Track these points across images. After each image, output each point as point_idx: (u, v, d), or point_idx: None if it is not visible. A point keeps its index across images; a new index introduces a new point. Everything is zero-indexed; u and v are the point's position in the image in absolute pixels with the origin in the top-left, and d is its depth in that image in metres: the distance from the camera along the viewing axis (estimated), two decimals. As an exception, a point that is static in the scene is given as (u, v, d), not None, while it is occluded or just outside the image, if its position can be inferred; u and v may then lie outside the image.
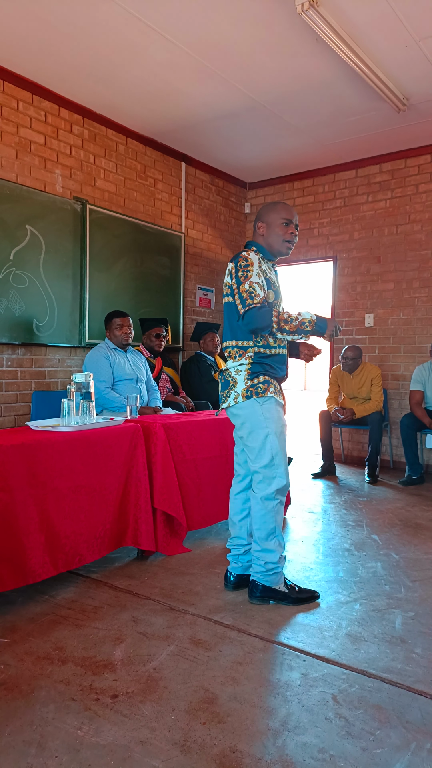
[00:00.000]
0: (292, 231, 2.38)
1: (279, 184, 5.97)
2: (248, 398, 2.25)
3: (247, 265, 2.25)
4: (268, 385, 2.27)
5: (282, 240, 2.37)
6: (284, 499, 2.33)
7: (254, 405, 2.26)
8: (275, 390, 2.29)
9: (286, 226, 2.36)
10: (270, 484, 2.27)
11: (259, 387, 2.26)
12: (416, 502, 4.06)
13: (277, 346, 2.34)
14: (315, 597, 2.34)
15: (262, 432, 2.25)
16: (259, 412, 2.26)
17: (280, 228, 2.36)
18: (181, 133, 4.82)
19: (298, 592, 2.33)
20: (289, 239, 2.38)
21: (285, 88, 3.97)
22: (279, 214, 2.36)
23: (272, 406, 2.27)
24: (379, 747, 1.48)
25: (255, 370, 2.28)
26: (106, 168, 4.56)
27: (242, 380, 2.28)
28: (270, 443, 2.25)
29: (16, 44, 3.48)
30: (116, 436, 2.65)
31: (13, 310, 3.84)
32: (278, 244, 2.38)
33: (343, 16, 3.10)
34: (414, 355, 5.20)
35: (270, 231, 2.38)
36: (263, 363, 2.29)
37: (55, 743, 1.48)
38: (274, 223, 2.37)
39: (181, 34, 3.33)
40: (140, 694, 1.70)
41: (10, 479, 2.19)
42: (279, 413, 2.30)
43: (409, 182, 5.18)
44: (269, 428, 2.25)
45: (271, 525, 2.27)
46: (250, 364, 2.28)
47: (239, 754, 1.45)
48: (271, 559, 2.28)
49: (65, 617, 2.19)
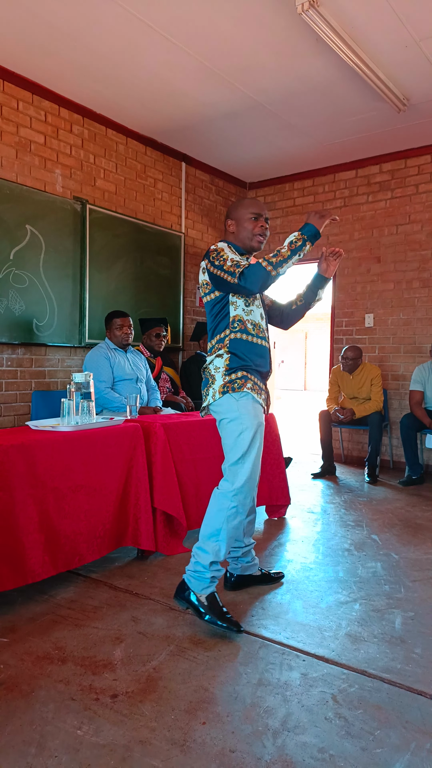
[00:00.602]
0: (262, 224, 2.27)
1: (279, 184, 5.97)
2: (224, 394, 2.17)
3: (217, 251, 2.17)
4: (245, 380, 2.17)
5: (252, 234, 2.28)
6: (242, 510, 2.13)
7: (230, 400, 2.16)
8: (253, 386, 2.19)
9: (255, 220, 2.27)
10: (233, 483, 2.13)
11: (236, 383, 2.17)
12: (416, 502, 4.06)
13: (256, 335, 2.23)
14: (232, 629, 2.05)
15: (236, 428, 2.15)
16: (235, 407, 2.16)
17: (249, 222, 2.27)
18: (181, 133, 4.82)
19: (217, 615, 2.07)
20: (259, 232, 2.28)
21: (285, 88, 3.97)
22: (247, 209, 2.28)
23: (249, 402, 2.17)
24: (378, 747, 1.48)
25: (233, 365, 2.18)
26: (106, 168, 4.56)
27: (220, 376, 2.19)
28: (243, 440, 2.14)
29: (16, 44, 3.47)
30: (116, 436, 2.65)
31: (13, 309, 3.84)
32: (248, 239, 2.29)
33: (343, 16, 3.10)
34: (414, 355, 5.20)
35: (239, 227, 2.29)
36: (241, 355, 2.18)
37: (54, 743, 1.48)
38: (242, 218, 2.28)
39: (182, 34, 3.33)
40: (140, 693, 1.70)
41: (10, 479, 2.19)
42: (256, 411, 2.19)
43: (409, 182, 5.19)
44: (244, 424, 2.14)
45: (217, 525, 2.12)
46: (228, 360, 2.18)
47: (239, 753, 1.45)
48: (201, 560, 2.11)
49: (65, 617, 2.19)
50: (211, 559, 2.10)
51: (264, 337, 2.27)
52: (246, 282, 2.08)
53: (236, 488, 2.12)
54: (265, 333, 2.29)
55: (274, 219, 6.05)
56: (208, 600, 2.10)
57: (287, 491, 3.57)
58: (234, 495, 2.12)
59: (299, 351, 22.11)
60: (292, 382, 21.79)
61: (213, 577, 2.11)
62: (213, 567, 2.11)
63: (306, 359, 22.08)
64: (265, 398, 2.28)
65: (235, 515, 2.12)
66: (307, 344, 22.07)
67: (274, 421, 3.59)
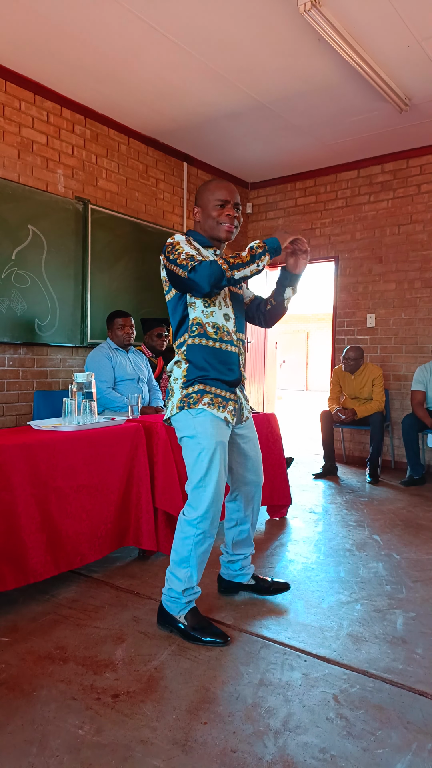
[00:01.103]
0: (229, 212, 2.03)
1: (281, 184, 5.97)
2: (181, 409, 1.99)
3: (173, 244, 1.97)
4: (201, 395, 1.97)
5: (216, 222, 2.03)
6: (209, 534, 1.99)
7: (187, 417, 1.98)
8: (212, 401, 1.97)
9: (221, 207, 2.03)
10: (196, 508, 1.97)
11: (191, 397, 1.97)
12: (418, 502, 4.05)
13: (219, 339, 2.00)
14: (217, 642, 1.97)
15: (194, 447, 1.97)
16: (191, 425, 1.97)
17: (214, 210, 2.03)
18: (183, 133, 4.82)
19: (200, 629, 2.00)
20: (225, 221, 2.03)
21: (287, 88, 3.97)
22: (213, 195, 2.03)
23: (206, 420, 1.96)
24: (380, 747, 1.48)
25: (190, 377, 1.99)
26: (108, 168, 4.57)
27: (178, 389, 2.01)
28: (201, 462, 1.96)
29: (18, 44, 3.48)
30: (118, 436, 2.66)
31: (15, 309, 3.85)
32: (214, 229, 2.05)
33: (345, 16, 3.10)
34: (416, 356, 5.19)
35: (204, 215, 2.06)
36: (200, 364, 1.99)
37: (56, 742, 1.48)
38: (207, 205, 2.04)
39: (184, 34, 3.33)
40: (141, 693, 1.70)
41: (12, 478, 2.19)
42: (216, 429, 1.97)
43: (411, 182, 5.18)
44: (201, 444, 1.95)
45: (184, 553, 1.99)
46: (186, 370, 2.01)
47: (240, 753, 1.45)
48: (174, 587, 2.02)
49: (66, 617, 2.19)
50: (184, 587, 2.00)
51: (230, 341, 2.04)
52: (196, 276, 1.86)
53: (199, 515, 1.96)
54: (233, 336, 2.05)
55: (275, 219, 6.05)
56: (188, 618, 2.02)
57: (288, 491, 3.57)
58: (198, 522, 1.97)
59: (301, 351, 22.11)
60: (293, 382, 21.78)
61: (189, 601, 2.03)
62: (187, 593, 2.02)
63: (307, 359, 22.08)
64: (234, 409, 2.05)
65: (203, 541, 1.99)
66: (308, 344, 22.06)
67: (275, 421, 3.59)
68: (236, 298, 2.14)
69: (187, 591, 2.02)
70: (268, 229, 6.09)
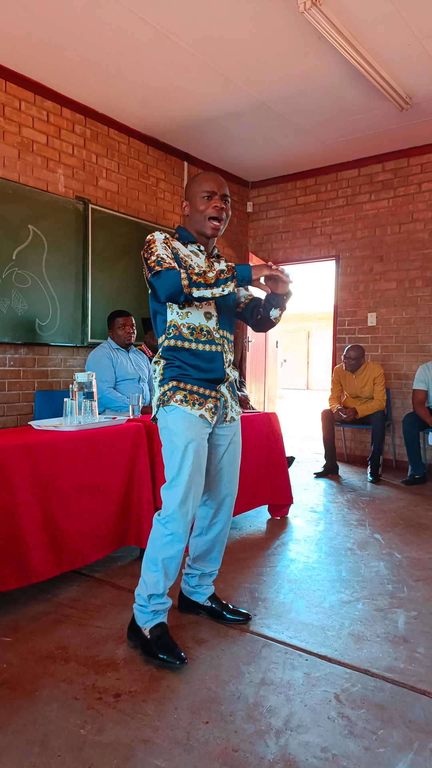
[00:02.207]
0: (216, 204, 1.94)
1: (281, 183, 5.97)
2: (158, 407, 1.95)
3: (149, 242, 1.92)
4: (174, 392, 1.92)
5: (204, 216, 1.95)
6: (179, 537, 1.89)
7: (163, 414, 1.94)
8: (185, 398, 1.91)
9: (208, 199, 1.95)
10: (165, 508, 1.90)
11: (166, 395, 1.93)
12: (419, 501, 4.05)
13: (195, 340, 1.93)
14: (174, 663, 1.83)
15: (167, 446, 1.93)
16: (164, 422, 1.93)
17: (201, 203, 1.95)
18: (183, 133, 4.82)
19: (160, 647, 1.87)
20: (212, 214, 1.94)
21: (287, 87, 3.97)
22: (199, 187, 1.96)
23: (178, 418, 1.89)
24: (381, 746, 1.48)
25: (166, 375, 1.95)
26: (108, 167, 4.57)
27: (157, 387, 1.98)
28: (173, 461, 1.90)
29: (18, 44, 3.48)
30: (119, 436, 2.66)
31: (15, 309, 3.85)
32: (201, 223, 1.97)
33: (345, 14, 3.10)
34: (417, 354, 5.19)
35: (192, 209, 1.98)
36: (174, 364, 1.94)
37: (58, 742, 1.48)
38: (194, 197, 1.97)
39: (184, 34, 3.33)
40: (143, 693, 1.70)
41: (13, 478, 2.19)
42: (189, 426, 1.89)
43: (411, 181, 5.17)
44: (174, 443, 1.89)
45: (152, 555, 1.91)
46: (162, 369, 1.96)
47: (242, 753, 1.45)
48: (140, 591, 1.93)
49: (68, 616, 2.19)
50: (149, 592, 1.89)
51: (210, 340, 1.94)
52: (156, 283, 1.82)
53: (168, 515, 1.89)
54: (214, 334, 1.96)
55: (276, 218, 6.05)
56: (152, 633, 1.90)
57: (290, 490, 3.57)
58: (166, 522, 1.89)
59: (302, 350, 22.11)
60: (294, 381, 21.78)
61: (155, 611, 1.91)
62: (153, 600, 1.91)
63: (308, 358, 22.08)
64: (215, 407, 1.95)
65: (171, 544, 1.89)
66: (309, 343, 22.06)
67: (276, 420, 3.59)
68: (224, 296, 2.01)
69: (153, 597, 1.90)
70: (268, 228, 6.09)
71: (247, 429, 3.35)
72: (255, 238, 6.21)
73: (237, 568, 2.71)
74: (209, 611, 2.18)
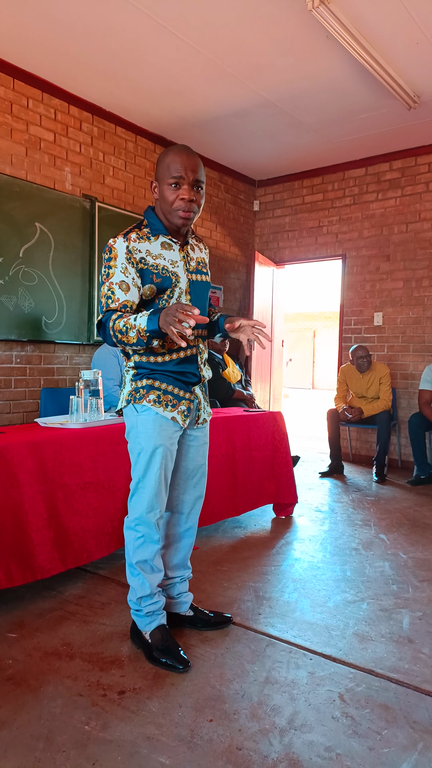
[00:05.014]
0: (184, 196, 1.74)
1: (288, 182, 5.96)
2: (128, 402, 1.85)
3: (109, 259, 1.76)
4: (148, 391, 1.81)
5: (170, 207, 1.76)
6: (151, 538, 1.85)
7: (132, 412, 1.84)
8: (159, 398, 1.81)
9: (176, 187, 1.75)
10: (133, 510, 1.86)
11: (138, 392, 1.82)
12: (424, 501, 4.04)
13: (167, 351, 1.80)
14: (176, 667, 1.80)
15: (134, 446, 1.85)
16: (135, 422, 1.84)
17: (167, 191, 1.76)
18: (190, 131, 4.81)
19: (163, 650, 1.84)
20: (180, 207, 1.75)
21: (295, 86, 3.96)
22: (167, 169, 1.75)
23: (149, 419, 1.81)
24: (385, 746, 1.48)
25: (140, 370, 1.84)
26: (115, 165, 4.57)
27: (128, 380, 1.87)
28: (139, 463, 1.83)
29: (26, 42, 3.48)
30: (124, 434, 2.66)
31: (22, 307, 3.86)
32: (168, 213, 1.79)
33: (353, 12, 3.08)
34: (423, 354, 5.17)
35: (160, 194, 1.79)
36: (149, 361, 1.83)
37: (62, 738, 1.49)
38: (162, 180, 1.77)
39: (192, 32, 3.32)
40: (147, 690, 1.70)
41: (19, 475, 2.20)
42: (159, 428, 1.81)
43: (419, 180, 5.15)
44: (141, 444, 1.82)
45: (129, 559, 1.89)
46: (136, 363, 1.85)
47: (246, 751, 1.45)
48: (131, 596, 1.91)
49: (73, 613, 2.20)
50: (138, 595, 1.88)
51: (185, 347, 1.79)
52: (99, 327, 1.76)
53: (136, 518, 1.85)
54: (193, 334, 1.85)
55: (282, 217, 6.03)
56: (153, 636, 1.88)
57: (294, 490, 3.56)
58: (136, 525, 1.85)
59: (307, 349, 22.08)
60: (300, 381, 21.75)
61: (149, 612, 1.89)
62: (144, 602, 1.88)
63: (314, 357, 22.05)
64: (187, 409, 1.87)
65: (144, 547, 1.85)
66: (315, 342, 22.03)
67: (281, 419, 3.59)
68: (199, 287, 1.90)
69: (144, 599, 1.88)
70: (275, 227, 6.08)
71: (252, 428, 3.35)
72: (261, 236, 6.20)
73: (241, 566, 2.71)
74: (191, 620, 2.08)
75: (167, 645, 1.86)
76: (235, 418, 3.26)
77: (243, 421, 3.30)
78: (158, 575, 1.91)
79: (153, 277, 1.79)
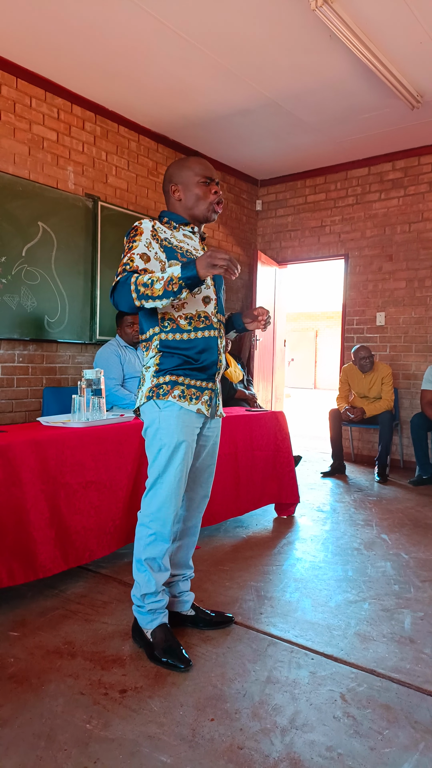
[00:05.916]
0: (216, 191, 1.93)
1: (291, 182, 5.95)
2: (149, 399, 1.86)
3: (134, 235, 1.84)
4: (172, 386, 1.84)
5: (207, 203, 1.93)
6: (163, 537, 1.87)
7: (153, 408, 1.85)
8: (183, 393, 1.84)
9: (207, 185, 1.93)
10: (148, 506, 1.88)
11: (162, 388, 1.84)
12: (426, 502, 4.03)
13: (194, 329, 1.85)
14: (177, 666, 1.80)
15: (155, 442, 1.86)
16: (156, 418, 1.85)
17: (199, 188, 1.92)
18: (193, 130, 4.81)
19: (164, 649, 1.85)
20: (215, 200, 1.93)
21: (298, 85, 3.96)
22: (193, 171, 1.93)
23: (173, 415, 1.83)
24: (387, 746, 1.48)
25: (163, 366, 1.86)
26: (118, 165, 4.57)
27: (149, 377, 1.88)
28: (159, 459, 1.84)
29: (29, 41, 3.49)
30: (126, 433, 2.66)
31: (24, 306, 3.87)
32: (202, 209, 1.93)
33: (356, 12, 3.08)
34: (426, 354, 5.16)
35: (187, 193, 1.93)
36: (172, 356, 1.86)
37: (64, 736, 1.49)
38: (189, 182, 1.93)
39: (195, 31, 3.32)
40: (149, 689, 1.70)
41: (22, 474, 2.21)
42: (182, 424, 1.84)
43: (422, 180, 5.15)
44: (162, 440, 1.83)
45: (138, 555, 1.91)
46: (159, 359, 1.87)
47: (247, 750, 1.45)
48: (135, 592, 1.92)
49: (75, 612, 2.20)
50: (143, 592, 1.89)
51: (209, 326, 1.88)
52: (115, 296, 1.78)
53: (150, 513, 1.87)
54: (212, 318, 1.89)
55: (285, 216, 6.03)
56: (155, 635, 1.88)
57: (296, 489, 3.56)
58: (150, 521, 1.87)
59: (309, 349, 22.06)
60: (302, 380, 21.74)
61: (151, 609, 1.89)
62: (148, 600, 1.89)
63: (316, 357, 22.03)
64: (210, 399, 1.91)
65: (155, 544, 1.87)
66: (317, 342, 22.01)
67: (283, 419, 3.59)
68: (218, 278, 1.99)
69: (147, 596, 1.89)
70: (277, 226, 6.08)
71: (254, 427, 3.35)
72: (264, 236, 6.20)
73: (243, 566, 2.71)
74: (193, 620, 2.09)
75: (169, 644, 1.86)
76: (237, 417, 3.26)
77: (245, 421, 3.30)
78: (165, 574, 1.92)
79: (178, 256, 1.86)
